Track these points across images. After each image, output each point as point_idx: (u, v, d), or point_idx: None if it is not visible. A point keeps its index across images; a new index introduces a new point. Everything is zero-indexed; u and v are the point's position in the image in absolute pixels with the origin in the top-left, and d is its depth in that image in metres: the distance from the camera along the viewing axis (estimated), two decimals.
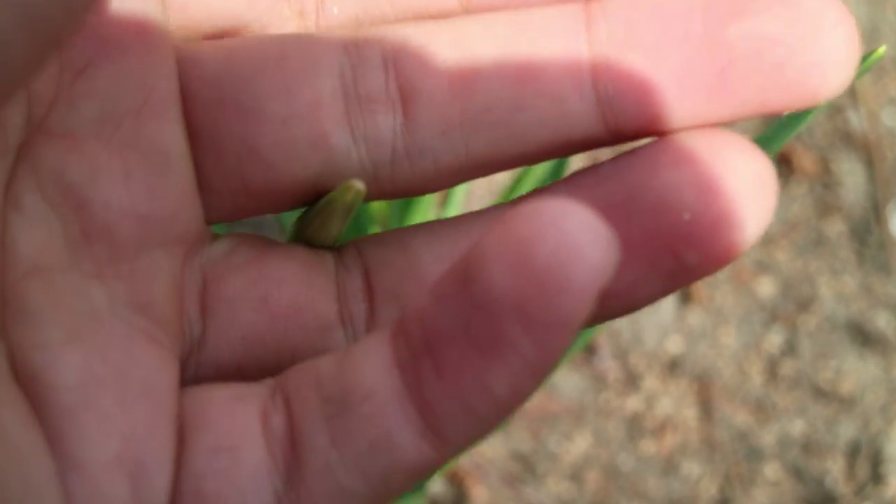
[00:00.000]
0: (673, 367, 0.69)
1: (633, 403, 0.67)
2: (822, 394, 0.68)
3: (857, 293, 0.72)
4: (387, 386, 0.17)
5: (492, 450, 0.66)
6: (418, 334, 0.16)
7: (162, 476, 0.18)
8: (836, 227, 0.74)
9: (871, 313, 0.71)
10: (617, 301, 0.19)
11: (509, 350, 0.15)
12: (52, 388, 0.17)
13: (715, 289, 0.71)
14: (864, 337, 0.70)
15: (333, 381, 0.18)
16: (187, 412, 0.18)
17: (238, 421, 0.18)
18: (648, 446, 0.66)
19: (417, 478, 0.17)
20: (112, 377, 0.18)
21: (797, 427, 0.67)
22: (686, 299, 0.71)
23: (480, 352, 0.16)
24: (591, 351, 0.69)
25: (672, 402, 0.68)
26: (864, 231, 0.74)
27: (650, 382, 0.68)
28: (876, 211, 0.74)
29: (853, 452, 0.66)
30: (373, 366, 0.17)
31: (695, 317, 0.70)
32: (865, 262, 0.73)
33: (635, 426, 0.67)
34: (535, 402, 0.67)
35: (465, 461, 0.65)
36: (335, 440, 0.17)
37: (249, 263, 0.20)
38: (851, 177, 0.75)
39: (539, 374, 0.16)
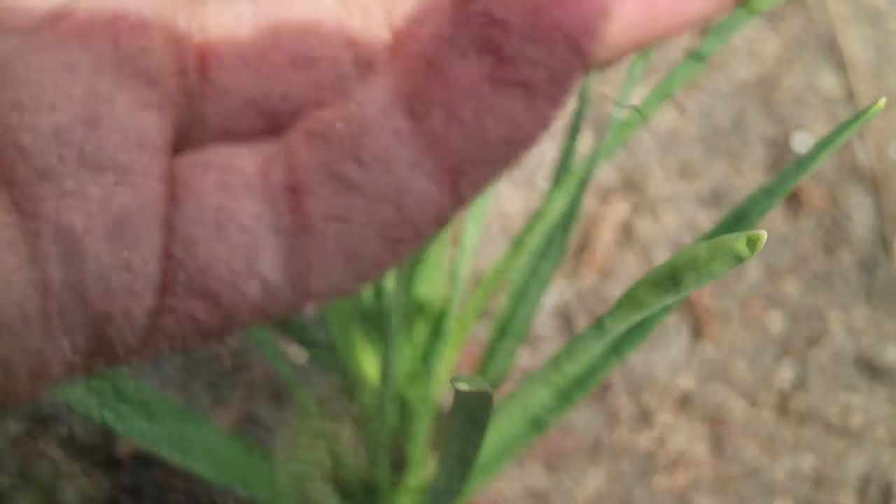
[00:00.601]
0: (685, 402, 0.70)
1: (646, 439, 0.68)
2: (832, 428, 0.69)
3: (866, 327, 0.72)
4: (392, 123, 0.15)
5: (507, 486, 0.66)
6: (421, 61, 0.15)
7: (151, 238, 0.16)
8: (844, 261, 0.75)
9: (881, 347, 0.72)
10: (666, 20, 0.16)
11: (522, 67, 0.14)
12: (23, 152, 0.16)
13: (726, 324, 0.72)
14: (873, 371, 0.71)
15: (335, 127, 0.16)
16: (179, 174, 0.17)
17: (235, 177, 0.17)
18: (662, 482, 0.67)
19: (430, 227, 0.16)
20: (91, 132, 0.16)
21: (808, 462, 0.68)
22: (697, 335, 0.72)
23: (490, 72, 0.14)
24: (604, 387, 0.69)
25: (684, 438, 0.68)
26: (873, 265, 0.75)
27: (663, 418, 0.69)
28: (884, 244, 0.75)
29: (864, 486, 0.67)
30: (375, 103, 0.16)
31: (706, 352, 0.71)
32: (874, 296, 0.73)
33: (649, 462, 0.68)
34: (550, 438, 0.68)
35: (480, 498, 0.66)
36: (340, 189, 0.16)
37: (248, 17, 0.18)
38: (859, 211, 0.76)
39: (555, 97, 0.14)
